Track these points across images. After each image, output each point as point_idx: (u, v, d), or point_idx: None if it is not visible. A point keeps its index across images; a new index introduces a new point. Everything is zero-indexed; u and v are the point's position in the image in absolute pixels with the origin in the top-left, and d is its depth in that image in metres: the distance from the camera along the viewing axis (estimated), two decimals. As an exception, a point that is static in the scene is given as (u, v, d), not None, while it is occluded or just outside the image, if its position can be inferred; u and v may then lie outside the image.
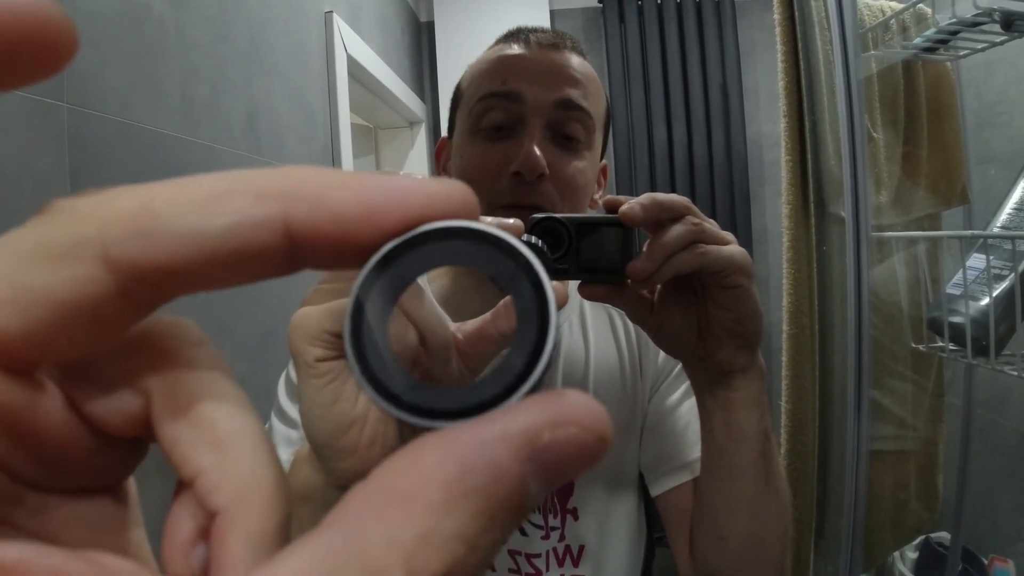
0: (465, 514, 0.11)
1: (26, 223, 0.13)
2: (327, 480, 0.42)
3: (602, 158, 0.76)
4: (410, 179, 0.15)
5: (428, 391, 0.14)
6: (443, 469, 0.12)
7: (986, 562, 1.49)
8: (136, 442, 0.16)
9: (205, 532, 0.15)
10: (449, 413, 0.14)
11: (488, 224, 0.15)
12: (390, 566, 0.11)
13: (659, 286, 0.54)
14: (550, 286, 0.15)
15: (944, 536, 1.52)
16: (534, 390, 0.14)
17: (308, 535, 0.11)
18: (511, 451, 0.12)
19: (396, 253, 0.14)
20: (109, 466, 0.16)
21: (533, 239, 0.47)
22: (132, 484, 0.17)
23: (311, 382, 0.38)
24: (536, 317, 0.15)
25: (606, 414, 0.13)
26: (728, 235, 0.52)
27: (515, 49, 0.69)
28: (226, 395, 0.15)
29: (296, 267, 0.15)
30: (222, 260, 0.14)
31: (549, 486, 0.12)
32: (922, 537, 1.54)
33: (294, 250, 0.14)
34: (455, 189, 0.15)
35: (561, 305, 0.41)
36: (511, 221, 0.36)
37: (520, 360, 0.14)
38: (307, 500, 0.43)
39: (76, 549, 0.13)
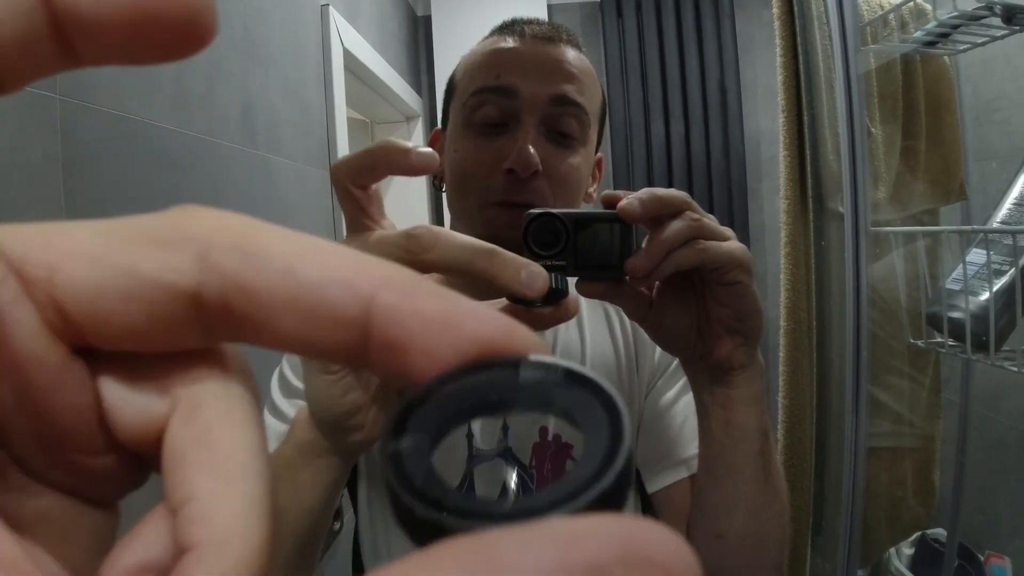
0: None
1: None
2: (330, 448, 0.48)
3: (597, 151, 0.75)
4: (489, 315, 0.14)
5: (469, 496, 0.12)
6: None
7: (982, 558, 1.49)
8: (139, 464, 0.15)
9: (160, 570, 0.13)
10: (501, 517, 0.11)
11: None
12: None
13: (658, 283, 0.54)
14: (620, 399, 0.13)
15: (940, 532, 1.52)
16: (602, 506, 0.11)
17: None
18: None
19: (448, 380, 0.14)
20: (107, 475, 0.15)
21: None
22: (118, 512, 0.16)
23: (324, 377, 0.44)
24: (607, 425, 0.13)
25: (695, 559, 0.10)
26: (728, 231, 0.51)
27: (509, 42, 0.68)
28: (250, 430, 0.14)
29: (357, 362, 0.14)
30: (305, 319, 0.13)
31: None
32: (918, 533, 1.54)
33: (361, 342, 0.14)
34: (518, 330, 0.15)
35: (572, 315, 0.41)
36: (537, 268, 0.35)
37: (590, 465, 0.12)
38: (306, 461, 0.50)
39: (40, 546, 0.12)
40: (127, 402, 0.14)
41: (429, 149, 0.37)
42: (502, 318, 0.14)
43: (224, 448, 0.14)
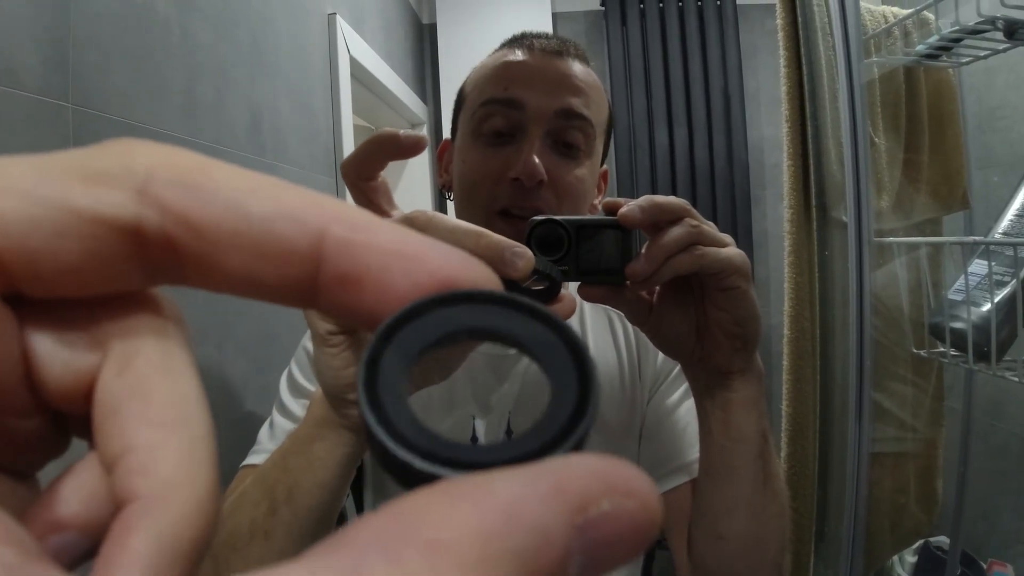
0: None
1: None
2: (341, 423, 0.50)
3: (603, 163, 0.76)
4: (447, 249, 0.14)
5: (457, 445, 0.13)
6: (482, 520, 0.09)
7: (985, 566, 1.49)
8: (63, 428, 0.15)
9: (87, 525, 0.12)
10: (486, 465, 0.12)
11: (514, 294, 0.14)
12: None
13: (658, 287, 0.55)
14: (587, 347, 0.14)
15: (943, 540, 1.52)
16: (578, 449, 0.13)
17: (302, 560, 0.09)
18: (564, 514, 0.10)
19: (422, 309, 0.14)
20: (30, 440, 0.14)
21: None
22: (37, 485, 0.15)
23: (326, 350, 0.45)
24: (575, 374, 0.13)
25: (658, 493, 0.11)
26: (726, 237, 0.52)
27: (518, 55, 0.70)
28: (188, 380, 0.13)
29: (306, 301, 0.14)
30: (253, 254, 0.13)
31: (587, 569, 0.10)
32: (921, 541, 1.54)
33: (312, 278, 0.13)
34: (480, 264, 0.15)
35: (569, 314, 0.42)
36: (521, 248, 0.37)
37: (563, 413, 0.13)
38: (319, 435, 0.51)
39: None
40: (55, 354, 0.13)
41: (418, 132, 0.39)
42: (459, 252, 0.14)
43: (161, 397, 0.13)
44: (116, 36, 0.84)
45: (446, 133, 0.80)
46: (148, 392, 0.13)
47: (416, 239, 0.14)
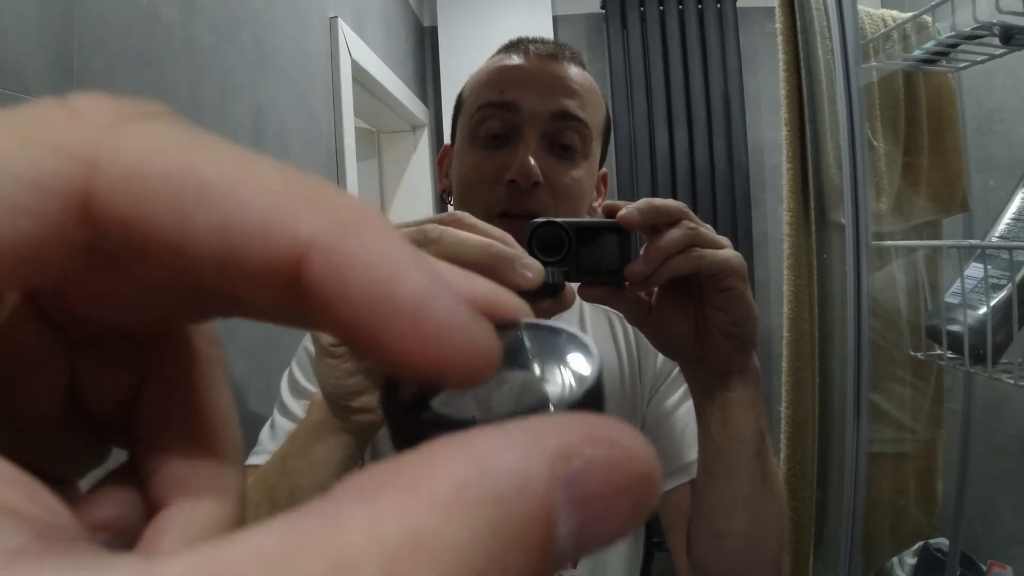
0: (474, 524, 0.09)
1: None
2: (343, 427, 0.51)
3: (602, 166, 0.77)
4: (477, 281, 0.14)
5: (447, 397, 0.13)
6: (457, 465, 0.09)
7: (984, 568, 1.50)
8: (103, 439, 0.15)
9: (123, 528, 0.13)
10: (473, 421, 0.12)
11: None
12: (364, 563, 0.08)
13: (657, 288, 0.56)
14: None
15: (943, 541, 1.53)
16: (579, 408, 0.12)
17: (285, 515, 0.09)
18: (542, 460, 0.09)
19: None
20: (73, 448, 0.15)
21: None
22: (78, 490, 0.15)
23: (328, 361, 0.46)
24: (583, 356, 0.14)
25: (656, 455, 0.10)
26: (723, 239, 0.53)
27: (514, 60, 0.70)
28: (222, 398, 0.14)
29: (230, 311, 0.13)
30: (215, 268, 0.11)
31: (581, 534, 0.10)
32: (921, 542, 1.55)
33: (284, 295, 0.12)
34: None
35: (568, 306, 0.43)
36: (531, 261, 0.38)
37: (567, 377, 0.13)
38: (319, 438, 0.52)
39: None
40: (100, 373, 0.14)
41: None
42: (486, 282, 0.14)
43: (197, 414, 0.14)
44: (120, 40, 0.85)
45: (446, 136, 0.81)
46: (185, 409, 0.14)
47: (419, 289, 0.11)
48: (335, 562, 0.08)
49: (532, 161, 0.64)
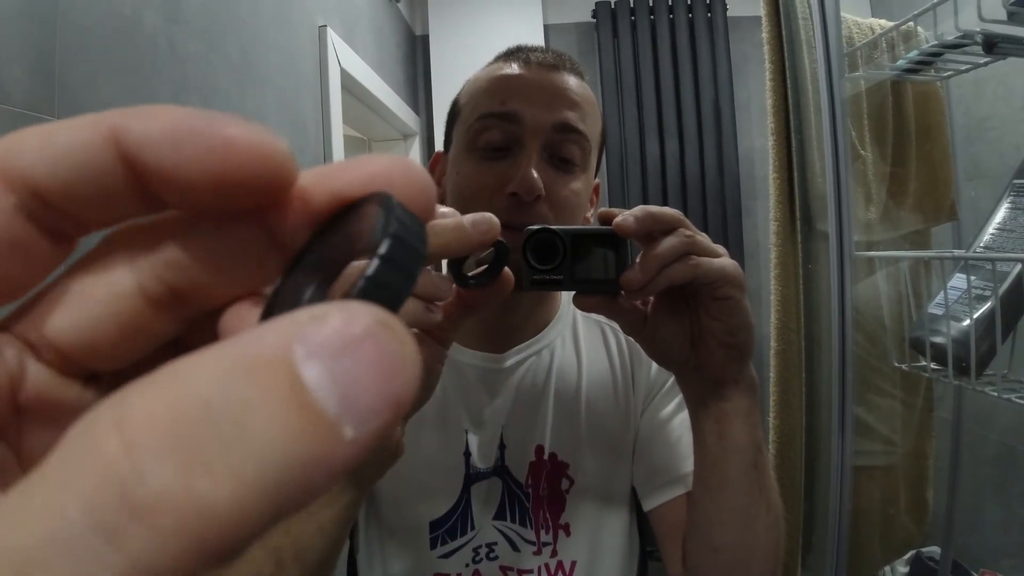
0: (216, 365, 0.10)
1: None
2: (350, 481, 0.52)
3: (595, 176, 0.77)
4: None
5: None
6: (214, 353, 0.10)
7: (976, 576, 1.49)
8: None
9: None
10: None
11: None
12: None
13: (652, 297, 0.55)
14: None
15: (935, 550, 1.52)
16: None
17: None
18: (278, 331, 0.10)
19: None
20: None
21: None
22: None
23: None
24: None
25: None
26: (720, 248, 0.52)
27: (514, 68, 0.69)
28: None
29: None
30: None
31: (337, 380, 0.10)
32: (913, 552, 1.54)
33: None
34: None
35: (509, 288, 0.42)
36: (479, 215, 0.34)
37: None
38: (327, 501, 0.51)
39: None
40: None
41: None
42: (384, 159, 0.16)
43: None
44: (103, 50, 0.84)
45: (438, 144, 0.80)
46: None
47: (204, 116, 0.14)
48: (59, 541, 0.09)
49: (535, 174, 0.63)
